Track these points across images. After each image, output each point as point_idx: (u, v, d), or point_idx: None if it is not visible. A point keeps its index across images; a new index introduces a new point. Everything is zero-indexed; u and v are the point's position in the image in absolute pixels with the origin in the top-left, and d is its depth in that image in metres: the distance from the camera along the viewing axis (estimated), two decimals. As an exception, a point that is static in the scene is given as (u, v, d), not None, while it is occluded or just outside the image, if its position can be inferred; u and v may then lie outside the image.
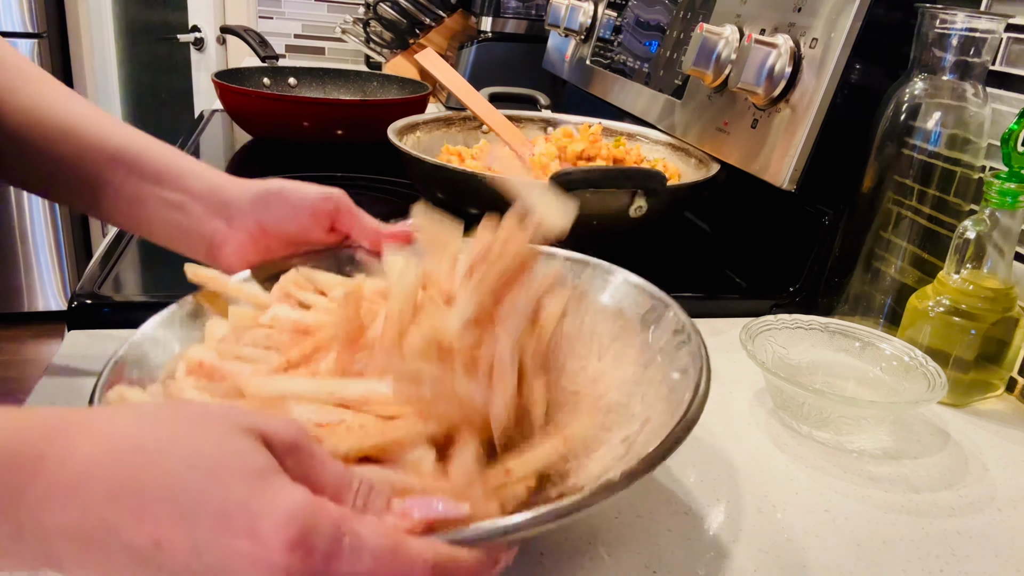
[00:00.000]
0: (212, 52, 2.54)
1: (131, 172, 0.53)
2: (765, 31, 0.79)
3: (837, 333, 0.64)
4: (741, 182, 0.83)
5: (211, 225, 0.53)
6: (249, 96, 1.16)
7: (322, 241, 0.55)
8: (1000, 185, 0.60)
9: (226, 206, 0.53)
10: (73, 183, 0.53)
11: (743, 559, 0.45)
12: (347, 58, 2.27)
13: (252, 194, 0.53)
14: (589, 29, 1.29)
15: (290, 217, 0.53)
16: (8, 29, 2.37)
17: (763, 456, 0.55)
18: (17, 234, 2.58)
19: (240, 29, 1.62)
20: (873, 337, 0.63)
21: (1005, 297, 0.63)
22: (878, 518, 0.50)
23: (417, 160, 0.82)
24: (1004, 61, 0.68)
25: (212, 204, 0.53)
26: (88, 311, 0.64)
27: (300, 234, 0.54)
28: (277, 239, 0.53)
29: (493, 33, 1.58)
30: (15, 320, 2.65)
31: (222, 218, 0.53)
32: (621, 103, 1.13)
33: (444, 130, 1.03)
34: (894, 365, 0.61)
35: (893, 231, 0.69)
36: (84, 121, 0.53)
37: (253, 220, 0.53)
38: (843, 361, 0.63)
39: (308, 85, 1.42)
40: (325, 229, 0.54)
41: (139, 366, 0.44)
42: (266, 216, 0.53)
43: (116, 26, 2.66)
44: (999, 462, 0.58)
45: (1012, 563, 0.47)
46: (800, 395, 0.56)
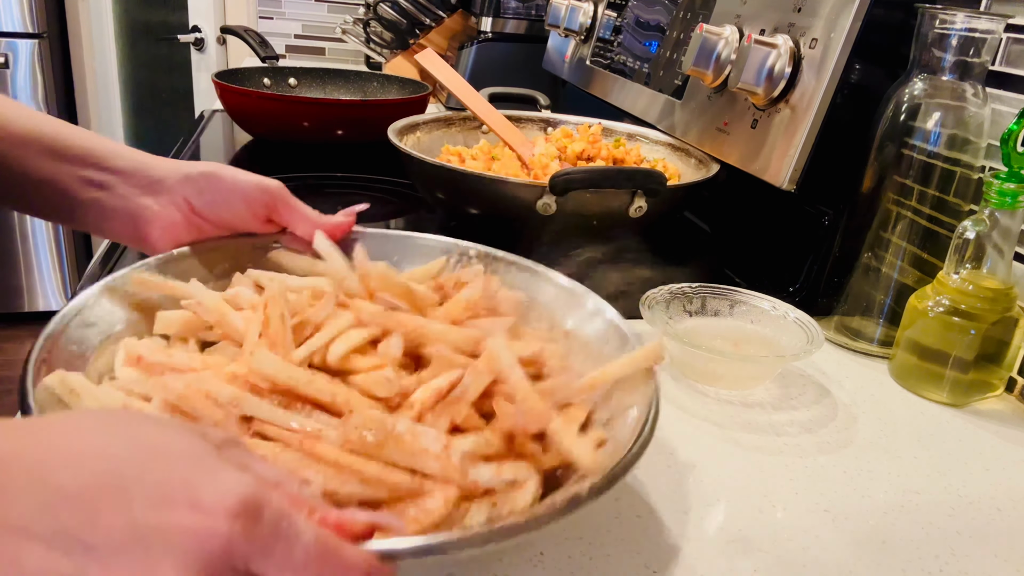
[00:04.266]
0: (212, 52, 2.54)
1: (46, 154, 0.50)
2: (765, 31, 0.79)
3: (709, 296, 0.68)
4: (741, 182, 0.83)
5: (138, 203, 0.50)
6: (249, 96, 1.16)
7: (258, 231, 0.53)
8: (1000, 185, 0.60)
9: (155, 184, 0.50)
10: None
11: (743, 559, 0.45)
12: (347, 58, 2.27)
13: (183, 173, 0.51)
14: (589, 29, 1.29)
15: (223, 203, 0.51)
16: (8, 29, 2.37)
17: (754, 456, 0.55)
18: (17, 234, 2.57)
19: (240, 29, 1.62)
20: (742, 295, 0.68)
21: (1005, 297, 0.63)
22: (878, 518, 0.50)
23: (417, 160, 0.82)
24: (1004, 61, 0.68)
25: (139, 182, 0.51)
26: (88, 311, 0.64)
27: (233, 221, 0.51)
28: (209, 222, 0.51)
29: (493, 33, 1.58)
30: (15, 320, 2.65)
31: (150, 196, 0.50)
32: (621, 103, 1.13)
33: (444, 130, 1.03)
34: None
35: (893, 231, 0.69)
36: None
37: (182, 199, 0.50)
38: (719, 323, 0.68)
39: (308, 85, 1.42)
40: (260, 220, 0.52)
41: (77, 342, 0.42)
42: (198, 198, 0.50)
43: (116, 26, 2.66)
44: (999, 462, 0.58)
45: (1012, 563, 0.47)
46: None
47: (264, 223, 0.52)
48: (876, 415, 0.62)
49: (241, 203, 0.51)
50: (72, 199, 0.51)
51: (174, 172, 0.51)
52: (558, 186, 0.74)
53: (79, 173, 0.51)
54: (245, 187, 0.51)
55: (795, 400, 0.63)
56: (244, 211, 0.51)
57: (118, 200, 0.51)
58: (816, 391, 0.65)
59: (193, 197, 0.50)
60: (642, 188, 0.77)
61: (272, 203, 0.51)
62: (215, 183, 0.50)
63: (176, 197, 0.50)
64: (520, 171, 0.91)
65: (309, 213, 0.52)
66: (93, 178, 0.51)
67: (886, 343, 0.71)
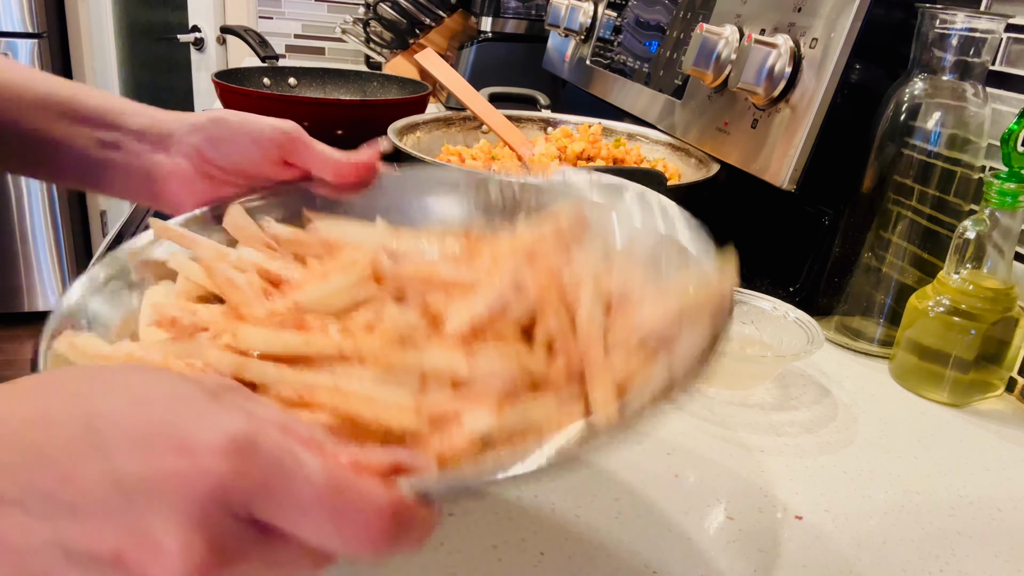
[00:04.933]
0: (212, 52, 2.54)
1: (60, 117, 0.49)
2: (765, 31, 0.79)
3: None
4: (741, 182, 0.83)
5: (150, 159, 0.49)
6: (249, 96, 1.16)
7: (275, 176, 0.49)
8: (1000, 185, 0.60)
9: (165, 138, 0.49)
10: (11, 141, 0.49)
11: (743, 559, 0.45)
12: (347, 58, 2.27)
13: (191, 123, 0.49)
14: (589, 29, 1.29)
15: (233, 146, 0.48)
16: (8, 29, 2.37)
17: (755, 456, 0.55)
18: (17, 234, 2.57)
19: (240, 29, 1.62)
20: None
21: (1005, 297, 0.63)
22: (878, 518, 0.50)
23: (417, 160, 0.82)
24: (1004, 61, 0.68)
25: (151, 138, 0.49)
26: (88, 311, 0.64)
27: (248, 167, 0.48)
28: (224, 171, 0.48)
29: (493, 33, 1.58)
30: (15, 320, 2.65)
31: (162, 151, 0.49)
32: (621, 103, 1.13)
33: (444, 130, 1.03)
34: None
35: (893, 231, 0.69)
36: (5, 73, 0.49)
37: (193, 149, 0.48)
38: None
39: (308, 85, 1.42)
40: (276, 163, 0.48)
41: (94, 316, 0.40)
42: (206, 146, 0.48)
43: (116, 26, 2.66)
44: (999, 462, 0.58)
45: (1012, 563, 0.47)
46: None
47: (281, 166, 0.49)
48: (876, 415, 0.62)
49: (253, 145, 0.48)
50: (88, 161, 0.49)
51: (183, 124, 0.49)
52: (558, 186, 0.74)
53: (94, 134, 0.49)
54: (256, 128, 0.48)
55: (795, 400, 0.63)
56: (257, 154, 0.48)
57: (132, 159, 0.49)
58: (816, 391, 0.65)
59: (203, 145, 0.48)
60: (642, 188, 0.77)
61: (288, 143, 0.48)
62: (223, 127, 0.48)
63: (187, 148, 0.48)
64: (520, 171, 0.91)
65: (328, 152, 0.48)
66: (106, 139, 0.49)
67: (886, 343, 0.71)
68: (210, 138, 0.48)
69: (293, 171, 0.49)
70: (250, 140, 0.48)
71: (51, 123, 0.49)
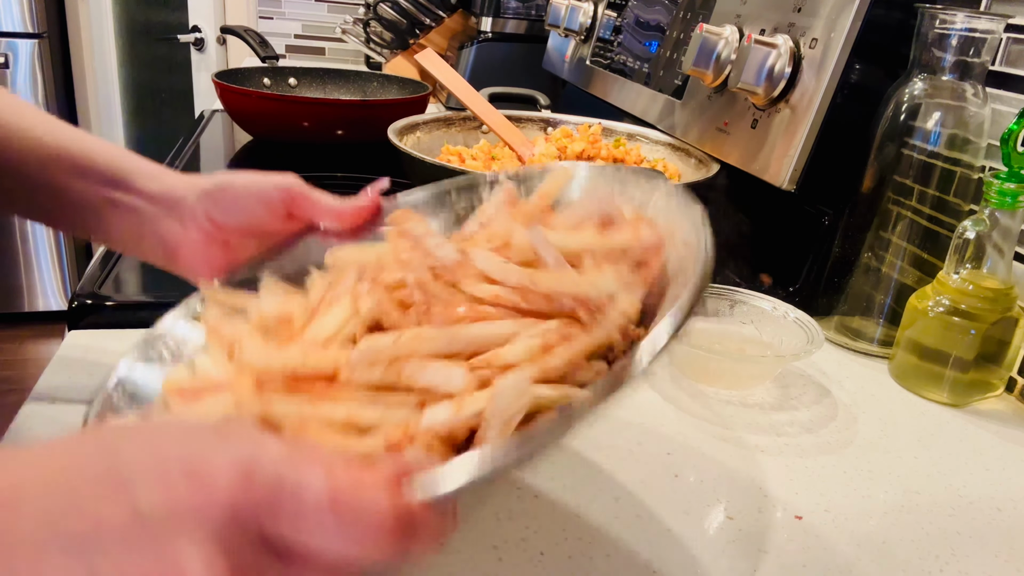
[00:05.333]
0: (212, 52, 2.54)
1: (73, 173, 0.50)
2: (765, 31, 0.79)
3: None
4: (741, 182, 0.83)
5: (164, 227, 0.50)
6: (249, 96, 1.16)
7: (282, 230, 0.51)
8: (1000, 185, 0.60)
9: (177, 204, 0.50)
10: (16, 187, 0.50)
11: (743, 559, 0.45)
12: (347, 58, 2.27)
13: (199, 190, 0.50)
14: (589, 29, 1.29)
15: (240, 208, 0.50)
16: (8, 29, 2.37)
17: (755, 456, 0.55)
18: (17, 234, 2.58)
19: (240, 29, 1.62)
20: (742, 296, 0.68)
21: (1005, 297, 0.63)
22: (878, 518, 0.50)
23: (417, 160, 0.82)
24: (1004, 61, 0.68)
25: (163, 203, 0.50)
26: (88, 311, 0.64)
27: (256, 225, 0.50)
28: (233, 233, 0.50)
29: (493, 33, 1.58)
30: (15, 320, 2.65)
31: (175, 218, 0.50)
32: (621, 103, 1.13)
33: (444, 130, 1.03)
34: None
35: (893, 231, 0.69)
36: (23, 121, 0.50)
37: (204, 216, 0.50)
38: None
39: (308, 85, 1.42)
40: (281, 217, 0.50)
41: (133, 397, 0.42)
42: (215, 211, 0.49)
43: (116, 26, 2.66)
44: (999, 462, 0.58)
45: (1012, 563, 0.47)
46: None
47: (286, 220, 0.50)
48: (876, 415, 0.62)
49: (258, 205, 0.50)
50: (101, 219, 0.51)
51: (192, 190, 0.50)
52: (558, 186, 0.74)
53: (107, 194, 0.50)
54: (259, 187, 0.50)
55: (795, 400, 0.63)
56: (263, 212, 0.50)
57: (146, 224, 0.51)
58: (816, 391, 0.65)
59: (212, 211, 0.50)
60: (642, 188, 0.76)
61: (289, 198, 0.50)
62: (229, 192, 0.50)
63: (197, 215, 0.50)
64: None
65: (328, 202, 0.50)
66: (121, 200, 0.50)
67: (886, 343, 0.71)
68: (218, 204, 0.50)
69: (299, 223, 0.51)
70: (256, 200, 0.50)
71: (64, 178, 0.50)
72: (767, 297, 0.68)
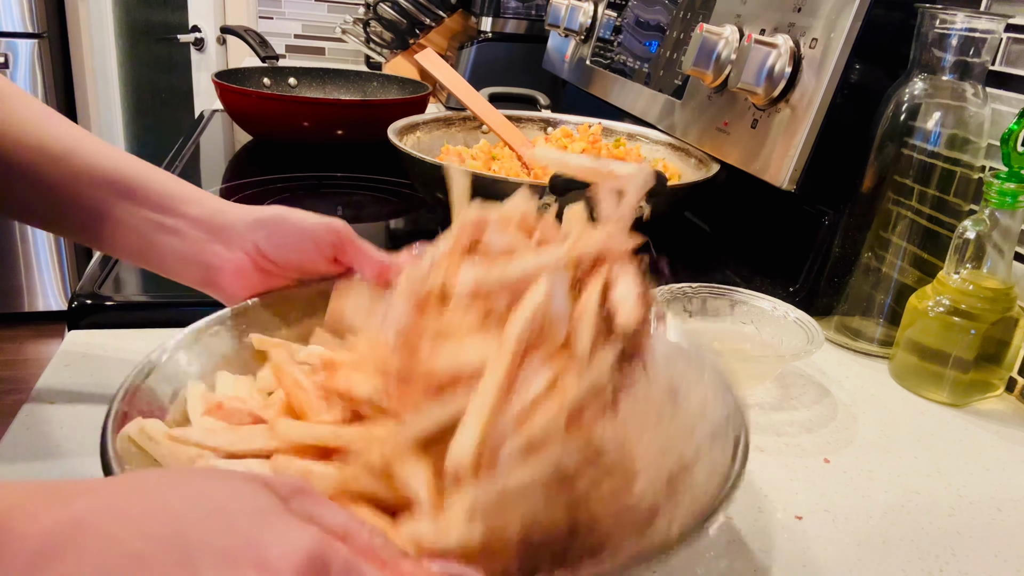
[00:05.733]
0: (212, 52, 2.54)
1: (125, 197, 0.51)
2: (765, 31, 0.79)
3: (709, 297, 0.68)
4: (741, 182, 0.83)
5: (209, 250, 0.51)
6: (249, 96, 1.16)
7: (325, 271, 0.53)
8: (1000, 185, 0.60)
9: (224, 230, 0.51)
10: (64, 209, 0.51)
11: (743, 559, 0.45)
12: (347, 58, 2.27)
13: (252, 219, 0.51)
14: (589, 29, 1.29)
15: (290, 245, 0.51)
16: (8, 29, 2.37)
17: (755, 456, 0.55)
18: (17, 234, 2.58)
19: (240, 29, 1.62)
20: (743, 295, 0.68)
21: (1005, 297, 0.63)
22: (878, 518, 0.50)
23: (417, 160, 0.82)
24: (1004, 61, 0.68)
25: (210, 229, 0.51)
26: (88, 311, 0.64)
27: (301, 264, 0.52)
28: (278, 266, 0.52)
29: (493, 33, 1.58)
30: (15, 320, 2.65)
31: (220, 243, 0.51)
32: (621, 103, 1.13)
33: (444, 130, 1.03)
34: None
35: (893, 231, 0.69)
36: (72, 144, 0.51)
37: (252, 244, 0.51)
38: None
39: (308, 85, 1.42)
40: (328, 260, 0.52)
41: (153, 394, 0.43)
42: (265, 242, 0.51)
43: (116, 26, 2.66)
44: (999, 462, 0.58)
45: (1012, 563, 0.47)
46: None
47: (331, 263, 0.52)
48: (876, 415, 0.62)
49: (309, 244, 0.51)
50: (145, 242, 0.52)
51: (243, 218, 0.51)
52: (558, 186, 0.74)
53: (152, 217, 0.51)
54: (312, 229, 0.51)
55: (795, 400, 0.63)
56: (312, 253, 0.51)
57: (189, 246, 0.51)
58: (816, 391, 0.65)
59: (262, 242, 0.51)
60: (642, 188, 0.77)
61: (339, 243, 0.51)
62: (282, 227, 0.51)
63: (245, 243, 0.51)
64: (520, 171, 0.91)
65: (374, 254, 0.52)
66: (166, 223, 0.51)
67: (886, 343, 0.71)
68: (270, 237, 0.51)
69: (340, 267, 0.53)
70: (307, 240, 0.51)
71: (111, 201, 0.51)
72: (767, 297, 0.68)
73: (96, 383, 0.56)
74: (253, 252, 0.51)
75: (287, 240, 0.51)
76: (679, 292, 0.67)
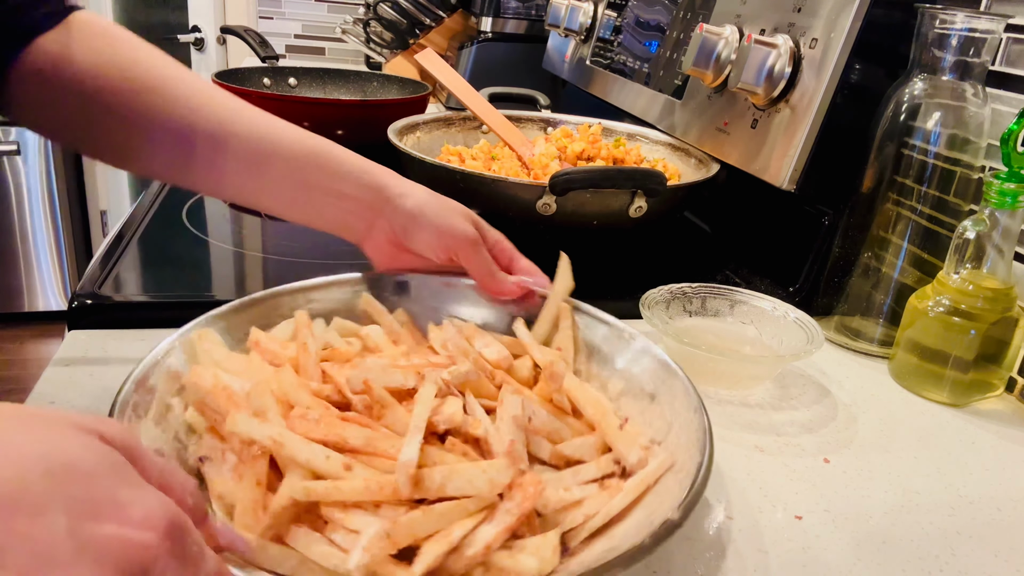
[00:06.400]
0: (212, 52, 2.54)
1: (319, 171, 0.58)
2: (765, 31, 0.79)
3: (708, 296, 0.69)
4: (741, 182, 0.83)
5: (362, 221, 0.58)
6: (249, 96, 1.16)
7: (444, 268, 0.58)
8: (1000, 185, 0.60)
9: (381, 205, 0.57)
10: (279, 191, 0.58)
11: (743, 559, 0.45)
12: (347, 58, 2.27)
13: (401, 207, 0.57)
14: (589, 29, 1.29)
15: (423, 241, 0.57)
16: (8, 29, 2.37)
17: (755, 456, 0.55)
18: (17, 234, 2.57)
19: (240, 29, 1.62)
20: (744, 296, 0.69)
21: (1005, 297, 0.63)
22: (878, 518, 0.50)
23: (417, 160, 0.82)
24: (1004, 61, 0.68)
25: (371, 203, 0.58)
26: (88, 311, 0.64)
27: (427, 255, 0.58)
28: (407, 252, 0.58)
29: (493, 33, 1.58)
30: (15, 320, 2.65)
31: (374, 216, 0.58)
32: (621, 103, 1.13)
33: (444, 130, 1.03)
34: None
35: (893, 231, 0.69)
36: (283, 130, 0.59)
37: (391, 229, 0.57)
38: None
39: (308, 85, 1.42)
40: (447, 259, 0.57)
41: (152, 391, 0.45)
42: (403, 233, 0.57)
43: (116, 26, 2.66)
44: (999, 462, 0.58)
45: (1012, 563, 0.47)
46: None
47: (449, 261, 0.57)
48: (876, 415, 0.62)
49: (440, 241, 0.56)
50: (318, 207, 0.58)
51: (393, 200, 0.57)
52: (558, 186, 0.74)
53: (334, 186, 0.58)
54: (446, 232, 0.56)
55: (795, 400, 0.63)
56: (440, 250, 0.57)
57: (351, 217, 0.58)
58: (816, 391, 0.65)
59: (399, 231, 0.57)
60: (642, 188, 0.77)
61: (465, 248, 0.56)
62: (422, 223, 0.57)
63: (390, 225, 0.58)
64: (520, 171, 0.91)
65: (489, 269, 0.57)
66: (344, 190, 0.58)
67: (886, 343, 0.71)
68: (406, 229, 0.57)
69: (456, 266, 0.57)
70: (436, 240, 0.57)
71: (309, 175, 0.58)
72: (767, 297, 0.68)
73: (96, 383, 0.56)
74: (391, 235, 0.58)
75: (420, 235, 0.57)
76: (679, 292, 0.68)
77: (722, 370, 0.62)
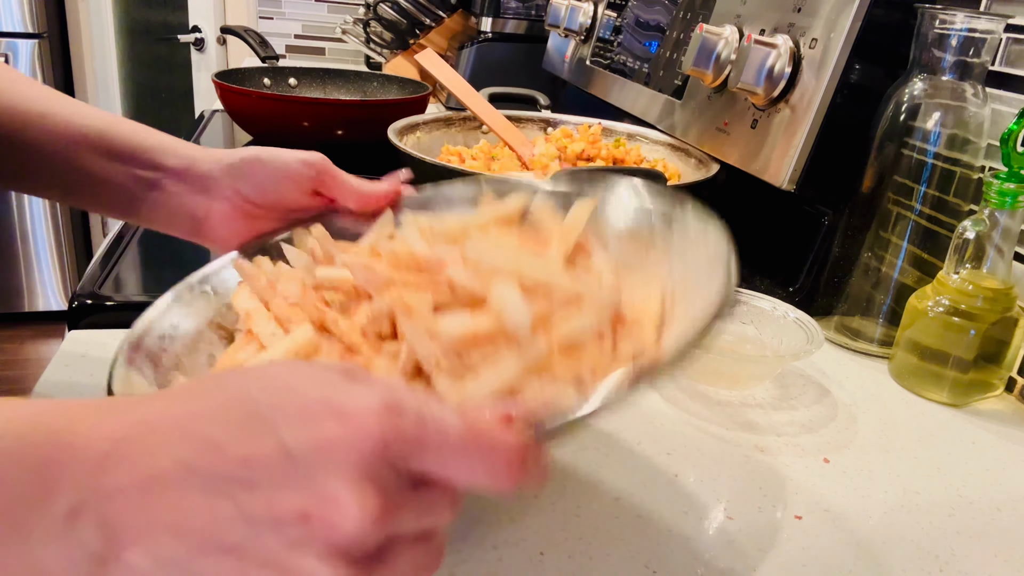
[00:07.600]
0: (212, 52, 2.54)
1: (98, 153, 0.51)
2: (765, 31, 0.79)
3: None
4: (741, 182, 0.83)
5: (192, 200, 0.52)
6: (249, 96, 1.16)
7: (307, 207, 0.52)
8: (999, 185, 0.60)
9: (203, 179, 0.51)
10: (45, 171, 0.51)
11: (743, 559, 0.45)
12: (347, 58, 2.27)
13: (227, 163, 0.51)
14: (589, 29, 1.29)
15: (270, 186, 0.51)
16: (8, 29, 2.37)
17: (754, 456, 0.55)
18: (17, 234, 2.58)
19: (240, 29, 1.62)
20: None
21: (1005, 297, 0.63)
22: (878, 518, 0.50)
23: (417, 160, 0.82)
24: (1004, 61, 0.68)
25: (190, 179, 0.52)
26: (88, 311, 0.64)
27: (282, 201, 0.52)
28: (260, 207, 0.52)
29: (493, 33, 1.58)
30: (15, 320, 2.65)
31: (202, 193, 0.51)
32: (621, 103, 1.13)
33: (444, 130, 1.03)
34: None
35: (893, 231, 0.69)
36: (46, 105, 0.51)
37: (232, 190, 0.51)
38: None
39: (308, 85, 1.42)
40: (308, 194, 0.52)
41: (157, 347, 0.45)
42: (244, 185, 0.51)
43: (116, 26, 2.66)
44: (999, 462, 0.58)
45: (1012, 563, 0.47)
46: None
47: (311, 197, 0.52)
48: (876, 415, 0.62)
49: (287, 182, 0.51)
50: (130, 197, 0.52)
51: (219, 164, 0.52)
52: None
53: (133, 172, 0.52)
54: (288, 166, 0.51)
55: (795, 400, 0.63)
56: (292, 189, 0.51)
57: (173, 200, 0.52)
58: (816, 391, 0.65)
59: (241, 186, 0.51)
60: (642, 188, 0.76)
61: (317, 176, 0.51)
62: (258, 168, 0.51)
63: (225, 190, 0.51)
64: (520, 171, 0.91)
65: (354, 183, 0.52)
66: (147, 177, 0.52)
67: (886, 343, 0.71)
68: (247, 180, 0.51)
69: (322, 200, 0.52)
70: (283, 176, 0.51)
71: (90, 159, 0.51)
72: (767, 297, 0.68)
73: (96, 383, 0.56)
74: (234, 198, 0.51)
75: (265, 182, 0.51)
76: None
77: (722, 370, 0.62)
